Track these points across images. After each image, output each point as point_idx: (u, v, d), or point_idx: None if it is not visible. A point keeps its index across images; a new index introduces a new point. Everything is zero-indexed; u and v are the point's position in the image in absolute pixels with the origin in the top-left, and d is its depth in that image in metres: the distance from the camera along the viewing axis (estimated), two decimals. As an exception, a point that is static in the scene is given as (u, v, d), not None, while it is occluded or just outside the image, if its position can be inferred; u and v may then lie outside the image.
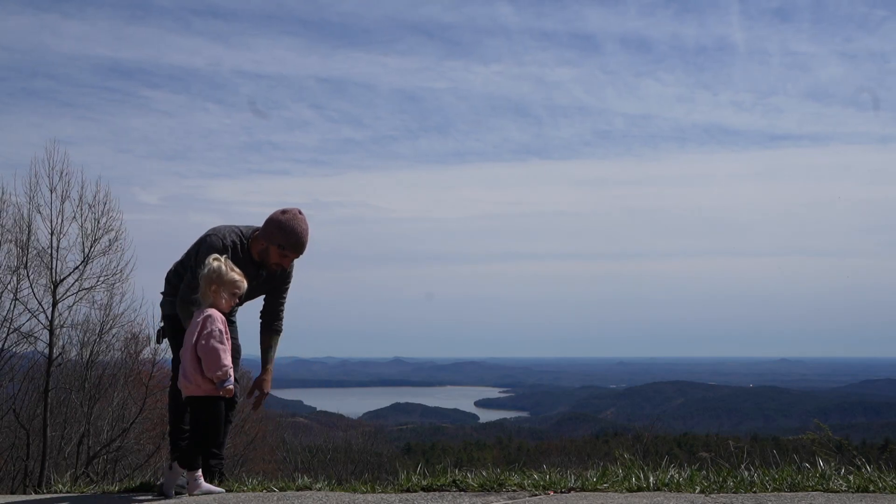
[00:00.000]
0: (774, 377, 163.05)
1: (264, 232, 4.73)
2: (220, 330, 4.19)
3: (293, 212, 4.75)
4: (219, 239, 4.70)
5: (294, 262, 4.92)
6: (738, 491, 3.51)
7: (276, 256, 4.72)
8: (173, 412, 4.80)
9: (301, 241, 4.72)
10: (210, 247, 4.64)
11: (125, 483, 5.07)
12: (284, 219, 4.70)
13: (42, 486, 11.17)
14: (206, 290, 4.28)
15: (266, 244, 4.71)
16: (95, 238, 14.41)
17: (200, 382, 4.17)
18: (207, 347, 4.13)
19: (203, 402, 4.20)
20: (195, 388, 4.19)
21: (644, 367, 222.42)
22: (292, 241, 4.70)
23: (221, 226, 4.84)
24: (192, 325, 4.27)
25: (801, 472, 3.73)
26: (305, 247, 4.77)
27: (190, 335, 4.24)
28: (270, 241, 4.69)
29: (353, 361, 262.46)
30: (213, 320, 4.20)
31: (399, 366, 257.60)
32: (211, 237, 4.73)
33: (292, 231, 4.69)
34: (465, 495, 3.75)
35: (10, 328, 14.39)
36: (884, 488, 3.39)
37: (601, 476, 3.90)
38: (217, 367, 4.13)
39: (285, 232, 4.68)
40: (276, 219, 4.71)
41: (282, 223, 4.69)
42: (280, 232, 4.68)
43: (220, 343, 4.15)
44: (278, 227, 4.68)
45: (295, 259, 4.81)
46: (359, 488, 4.15)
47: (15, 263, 14.16)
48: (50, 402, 14.04)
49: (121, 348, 16.85)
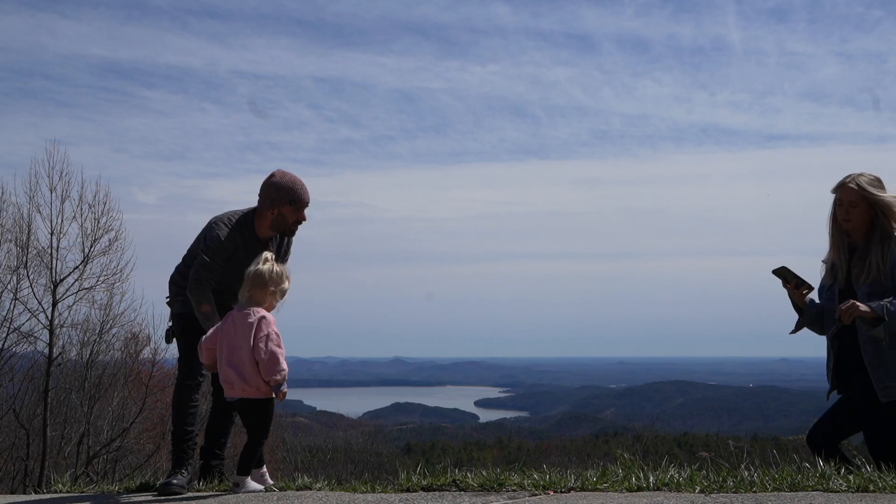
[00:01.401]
0: (774, 377, 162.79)
1: (269, 199, 4.76)
2: (277, 333, 4.19)
3: (280, 171, 4.83)
4: (224, 225, 4.75)
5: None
6: (738, 491, 3.51)
7: (293, 214, 4.78)
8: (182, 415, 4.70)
9: (304, 187, 4.81)
10: (215, 235, 4.68)
11: (125, 483, 5.07)
12: (278, 177, 4.78)
13: (42, 485, 11.16)
14: (260, 291, 4.26)
15: (277, 209, 4.76)
16: (95, 238, 14.44)
17: (260, 385, 4.15)
18: (268, 351, 4.11)
19: (259, 403, 4.20)
20: (254, 390, 4.15)
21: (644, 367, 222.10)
22: (297, 191, 4.77)
23: (221, 214, 4.87)
24: (240, 325, 4.19)
25: (801, 472, 3.73)
26: (308, 191, 4.85)
27: (242, 336, 4.17)
28: (280, 203, 4.74)
29: (353, 361, 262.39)
30: (269, 322, 4.20)
31: (399, 366, 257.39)
32: (217, 224, 4.76)
33: (292, 182, 4.77)
34: (465, 495, 3.75)
35: (10, 328, 14.41)
36: (884, 488, 3.39)
37: (601, 476, 3.90)
38: (276, 371, 4.11)
39: (287, 187, 4.75)
40: (272, 182, 4.77)
41: (279, 182, 4.76)
42: (283, 190, 4.75)
43: (278, 346, 4.15)
44: (279, 187, 4.75)
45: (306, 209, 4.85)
46: (359, 488, 4.14)
47: (15, 263, 14.19)
48: (50, 401, 14.04)
49: (121, 348, 16.89)
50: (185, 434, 4.65)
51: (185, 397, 4.68)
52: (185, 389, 4.68)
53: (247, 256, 4.75)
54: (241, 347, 4.16)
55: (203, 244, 4.71)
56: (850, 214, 4.32)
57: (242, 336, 4.17)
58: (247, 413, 4.23)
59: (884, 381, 4.13)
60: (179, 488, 4.41)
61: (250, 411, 4.21)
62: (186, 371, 4.70)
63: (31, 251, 14.18)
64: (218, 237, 4.68)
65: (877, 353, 4.14)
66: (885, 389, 4.13)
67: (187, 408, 4.67)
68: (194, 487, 4.56)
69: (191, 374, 4.69)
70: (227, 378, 4.19)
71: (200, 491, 4.49)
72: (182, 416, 4.67)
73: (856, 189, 4.28)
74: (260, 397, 4.17)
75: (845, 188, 4.31)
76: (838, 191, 4.36)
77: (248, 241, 4.78)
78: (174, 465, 4.61)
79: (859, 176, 4.32)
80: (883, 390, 4.14)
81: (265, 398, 4.19)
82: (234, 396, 4.22)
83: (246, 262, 4.74)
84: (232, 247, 4.72)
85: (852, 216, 4.32)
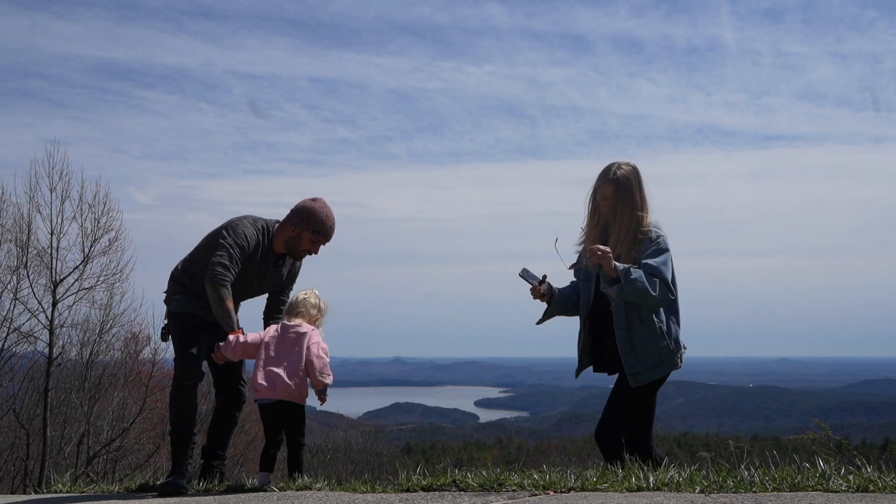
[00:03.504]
0: (774, 377, 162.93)
1: (297, 219, 4.82)
2: (325, 347, 4.61)
3: (322, 200, 4.90)
4: (251, 226, 4.79)
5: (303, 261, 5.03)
6: (738, 491, 3.50)
7: (308, 243, 4.85)
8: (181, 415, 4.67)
9: (333, 226, 4.89)
10: (243, 232, 4.72)
11: (125, 483, 5.07)
12: (317, 206, 4.85)
13: (42, 485, 11.16)
14: (311, 312, 4.67)
15: (298, 231, 4.81)
16: (95, 238, 14.43)
17: (303, 390, 4.52)
18: (321, 358, 4.53)
19: (299, 407, 4.55)
20: (296, 394, 4.49)
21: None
22: (326, 227, 4.84)
23: (247, 214, 4.90)
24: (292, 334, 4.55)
25: (801, 472, 3.72)
26: (334, 232, 4.91)
27: (294, 344, 4.52)
28: (304, 227, 4.80)
29: (353, 361, 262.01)
30: (319, 336, 4.62)
31: (399, 366, 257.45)
32: (244, 221, 4.81)
33: (327, 217, 4.84)
34: (465, 495, 3.74)
35: (10, 328, 14.40)
36: (884, 488, 3.39)
37: (601, 476, 3.90)
38: (326, 376, 4.54)
39: (319, 218, 4.81)
40: (309, 206, 4.83)
41: (315, 210, 4.82)
42: (314, 218, 4.81)
43: (327, 356, 4.59)
44: (312, 213, 4.81)
45: (323, 245, 4.92)
46: (359, 488, 4.14)
47: (15, 263, 14.18)
48: (50, 401, 14.04)
49: (121, 348, 16.87)
50: (185, 435, 4.64)
51: (183, 398, 4.66)
52: (182, 390, 4.66)
53: (259, 264, 4.80)
54: (293, 354, 4.49)
55: (232, 238, 4.69)
56: (607, 203, 4.43)
57: (294, 344, 4.52)
58: (287, 416, 4.50)
59: (635, 367, 4.28)
60: (181, 488, 4.42)
61: (290, 414, 4.51)
62: (183, 371, 4.67)
63: (31, 251, 14.18)
64: (246, 235, 4.73)
65: (629, 339, 4.29)
66: (635, 375, 4.28)
67: (185, 408, 4.65)
68: (194, 487, 4.57)
69: (188, 374, 4.66)
70: (270, 380, 4.43)
71: (200, 491, 4.50)
72: (181, 416, 4.65)
73: (612, 186, 4.39)
74: (298, 402, 4.51)
75: (604, 184, 4.42)
76: (599, 185, 4.46)
77: (265, 250, 4.82)
78: (175, 466, 4.60)
79: (618, 169, 4.43)
80: (633, 375, 4.28)
81: (301, 404, 4.54)
82: (268, 398, 4.45)
83: (257, 269, 4.80)
84: (253, 250, 4.76)
85: (608, 205, 4.43)
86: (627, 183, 4.39)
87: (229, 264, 4.61)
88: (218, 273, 4.58)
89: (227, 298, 4.57)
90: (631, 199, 4.39)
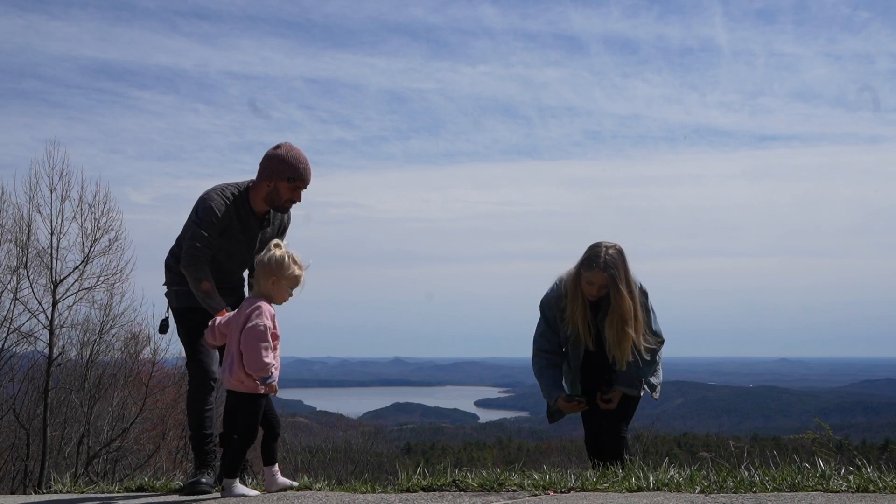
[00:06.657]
0: (774, 377, 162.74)
1: (267, 172, 4.57)
2: (267, 325, 3.96)
3: (287, 143, 4.63)
4: (218, 196, 4.54)
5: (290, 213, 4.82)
6: (738, 491, 3.50)
7: (288, 192, 4.58)
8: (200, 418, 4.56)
9: (307, 166, 4.61)
10: (209, 206, 4.50)
11: (125, 483, 5.06)
12: (283, 151, 4.57)
13: (42, 486, 11.17)
14: (263, 280, 4.05)
15: (273, 183, 4.56)
16: (95, 238, 14.44)
17: (243, 378, 3.97)
18: (249, 344, 3.92)
19: (241, 398, 4.01)
20: (237, 382, 3.99)
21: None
22: (300, 170, 4.56)
23: (214, 186, 4.67)
24: (238, 314, 4.05)
25: (801, 472, 3.72)
26: (311, 173, 4.65)
27: (236, 325, 4.02)
28: (278, 177, 4.54)
29: (353, 361, 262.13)
30: (262, 314, 3.97)
31: (399, 366, 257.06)
32: (210, 194, 4.57)
33: (297, 160, 4.56)
34: (465, 495, 3.74)
35: (10, 328, 14.40)
36: (884, 488, 3.39)
37: (601, 476, 3.90)
38: (257, 365, 3.91)
39: (290, 164, 4.54)
40: (275, 154, 4.57)
41: (283, 156, 4.55)
42: (284, 166, 4.54)
43: (260, 339, 3.92)
44: (281, 161, 4.54)
45: (304, 190, 4.65)
46: (359, 488, 4.14)
47: (15, 263, 14.19)
48: (50, 402, 14.04)
49: (121, 348, 16.89)
50: (205, 437, 4.53)
51: (200, 400, 4.54)
52: (199, 393, 4.54)
53: (242, 230, 4.62)
54: (233, 337, 4.03)
55: (195, 217, 4.52)
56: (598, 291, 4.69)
57: (236, 325, 4.04)
58: (228, 406, 4.07)
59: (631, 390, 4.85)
60: (208, 487, 4.33)
61: (231, 405, 4.06)
62: (199, 374, 4.53)
63: (31, 251, 14.19)
64: (211, 209, 4.48)
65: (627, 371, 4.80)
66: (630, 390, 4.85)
67: (203, 411, 4.53)
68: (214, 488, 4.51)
69: (203, 377, 4.53)
70: (227, 366, 4.06)
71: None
72: (200, 419, 4.53)
73: (604, 275, 4.61)
74: (244, 391, 4.00)
75: (595, 273, 4.63)
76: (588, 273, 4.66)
77: (243, 215, 4.60)
78: (199, 466, 4.49)
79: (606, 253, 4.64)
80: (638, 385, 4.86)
81: (250, 393, 4.00)
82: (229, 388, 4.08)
83: (241, 236, 4.63)
84: (226, 220, 4.53)
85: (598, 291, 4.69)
86: (616, 271, 4.61)
87: (199, 244, 4.42)
88: (188, 256, 4.42)
89: (202, 280, 4.37)
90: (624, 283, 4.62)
